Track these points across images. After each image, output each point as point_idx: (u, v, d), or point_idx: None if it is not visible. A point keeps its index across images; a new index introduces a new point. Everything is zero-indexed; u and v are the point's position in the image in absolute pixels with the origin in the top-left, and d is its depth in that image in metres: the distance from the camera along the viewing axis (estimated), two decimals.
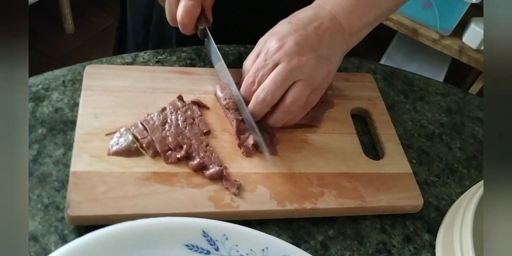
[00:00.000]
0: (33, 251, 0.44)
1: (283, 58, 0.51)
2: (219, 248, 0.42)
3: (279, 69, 0.51)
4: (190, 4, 0.54)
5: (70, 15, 1.83)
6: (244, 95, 0.53)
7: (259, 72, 0.52)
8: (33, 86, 0.56)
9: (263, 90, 0.51)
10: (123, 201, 0.46)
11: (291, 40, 0.51)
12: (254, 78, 0.52)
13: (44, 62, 1.75)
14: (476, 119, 0.68)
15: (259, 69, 0.52)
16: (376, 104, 0.63)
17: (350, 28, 0.55)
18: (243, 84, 0.53)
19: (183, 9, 0.54)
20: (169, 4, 0.56)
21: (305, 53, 0.51)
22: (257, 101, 0.51)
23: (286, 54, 0.51)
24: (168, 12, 0.56)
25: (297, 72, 0.51)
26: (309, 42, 0.52)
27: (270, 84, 0.51)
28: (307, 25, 0.53)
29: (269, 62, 0.51)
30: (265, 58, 0.52)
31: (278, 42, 0.52)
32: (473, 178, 0.60)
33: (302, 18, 0.54)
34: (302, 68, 0.51)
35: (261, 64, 0.52)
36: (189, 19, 0.55)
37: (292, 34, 0.52)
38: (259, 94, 0.51)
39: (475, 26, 1.49)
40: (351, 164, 0.55)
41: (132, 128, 0.52)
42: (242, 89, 0.54)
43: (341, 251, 0.50)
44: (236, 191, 0.49)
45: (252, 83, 0.52)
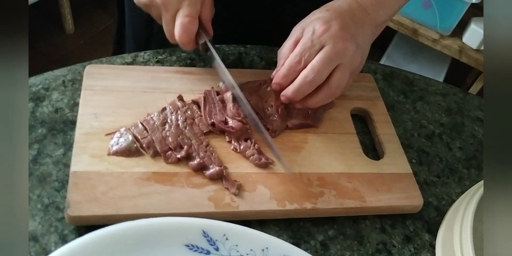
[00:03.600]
0: (33, 251, 0.44)
1: (329, 40, 0.52)
2: (219, 248, 0.42)
3: (326, 50, 0.52)
4: (186, 21, 0.53)
5: (70, 15, 1.83)
6: (287, 73, 0.53)
7: (305, 52, 0.52)
8: (33, 86, 0.56)
9: (313, 69, 0.51)
10: (123, 201, 0.46)
11: (336, 25, 0.53)
12: (301, 57, 0.52)
13: (44, 62, 1.75)
14: (476, 119, 0.68)
15: (305, 49, 0.52)
16: (376, 104, 0.63)
17: (377, 20, 0.57)
18: (287, 62, 0.53)
19: (179, 27, 0.54)
20: (166, 22, 0.55)
21: (348, 38, 0.53)
22: (306, 80, 0.52)
23: (332, 37, 0.52)
24: (166, 30, 0.56)
25: (341, 56, 0.52)
26: (350, 29, 0.53)
27: (319, 64, 0.51)
28: (344, 13, 0.54)
29: (316, 43, 0.52)
30: (312, 39, 0.52)
31: (324, 24, 0.53)
32: (473, 178, 0.60)
33: (337, 8, 0.55)
34: (345, 52, 0.52)
35: (308, 44, 0.52)
36: (187, 37, 0.54)
37: (335, 19, 0.53)
38: (308, 74, 0.52)
39: (475, 26, 1.49)
40: (351, 164, 0.55)
41: (132, 128, 0.52)
42: (285, 67, 0.53)
43: (341, 251, 0.50)
44: (236, 191, 0.49)
45: (298, 62, 0.52)
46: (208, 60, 0.59)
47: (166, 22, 0.55)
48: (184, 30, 0.53)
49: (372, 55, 0.59)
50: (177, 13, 0.54)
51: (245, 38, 0.66)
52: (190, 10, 0.53)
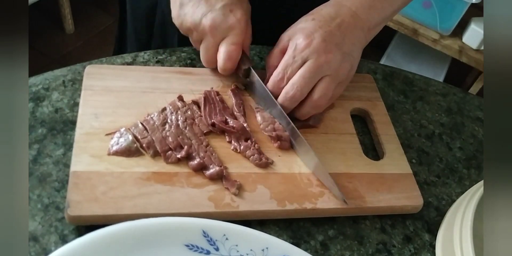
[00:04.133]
0: (33, 251, 0.44)
1: (311, 55, 0.52)
2: (219, 248, 0.42)
3: (307, 65, 0.52)
4: (232, 49, 0.55)
5: (70, 15, 1.83)
6: (272, 90, 0.55)
7: (288, 69, 0.53)
8: (33, 86, 0.56)
9: (293, 86, 0.53)
10: (123, 201, 0.46)
11: (318, 37, 0.53)
12: (283, 74, 0.54)
13: (44, 62, 1.75)
14: (476, 119, 0.68)
15: (287, 65, 0.53)
16: (376, 104, 0.63)
17: (370, 23, 0.57)
18: (271, 80, 0.55)
19: (225, 54, 0.55)
20: (206, 47, 0.56)
21: (331, 50, 0.53)
22: (287, 97, 0.53)
23: (314, 51, 0.52)
24: (204, 54, 0.57)
25: (324, 68, 0.53)
26: (334, 38, 0.53)
27: (300, 80, 0.52)
28: (330, 22, 0.54)
29: (297, 59, 0.53)
30: (294, 55, 0.53)
31: (306, 39, 0.53)
32: (473, 178, 0.60)
33: (324, 15, 0.55)
34: (329, 65, 0.53)
35: (290, 61, 0.53)
36: (231, 64, 0.56)
37: (318, 31, 0.53)
38: (289, 90, 0.53)
39: (475, 26, 1.50)
40: (351, 164, 0.55)
41: (132, 128, 0.52)
42: (269, 84, 0.55)
43: (341, 251, 0.50)
44: (236, 191, 0.49)
45: (282, 80, 0.54)
46: (248, 85, 0.60)
47: (207, 47, 0.56)
48: (230, 57, 0.55)
49: (372, 55, 0.59)
50: (222, 40, 0.55)
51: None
52: (237, 38, 0.55)
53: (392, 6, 0.59)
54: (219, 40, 0.55)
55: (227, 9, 0.55)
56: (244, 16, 0.56)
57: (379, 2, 0.57)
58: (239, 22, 0.55)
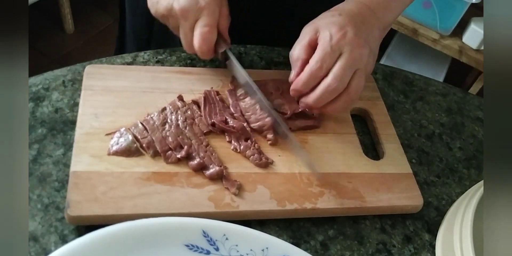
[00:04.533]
0: (33, 251, 0.44)
1: (346, 47, 0.52)
2: (219, 248, 0.42)
3: (345, 57, 0.52)
4: (206, 31, 0.54)
5: (70, 15, 1.82)
6: (308, 80, 0.53)
7: (326, 59, 0.52)
8: (33, 86, 0.56)
9: (336, 78, 0.52)
10: (123, 201, 0.46)
11: (351, 31, 0.53)
12: (322, 64, 0.52)
13: (44, 62, 1.75)
14: (476, 119, 0.68)
15: (326, 55, 0.52)
16: (376, 104, 0.63)
17: (385, 23, 0.58)
18: (308, 69, 0.53)
19: (199, 37, 0.54)
20: (184, 32, 0.56)
21: (362, 44, 0.53)
22: (329, 89, 0.52)
23: (349, 44, 0.52)
24: (183, 40, 0.56)
25: (358, 62, 0.53)
26: (362, 34, 0.54)
27: (341, 72, 0.52)
28: (356, 18, 0.55)
29: (335, 49, 0.52)
30: (331, 45, 0.52)
31: (340, 30, 0.53)
32: (473, 178, 0.60)
33: (349, 12, 0.55)
34: (361, 58, 0.53)
35: (328, 50, 0.52)
36: (207, 46, 0.55)
37: (349, 25, 0.53)
38: (331, 82, 0.52)
39: (475, 26, 1.49)
40: (351, 164, 0.55)
41: (132, 128, 0.52)
42: (306, 74, 0.53)
43: (341, 251, 0.50)
44: (236, 191, 0.49)
45: (320, 69, 0.52)
46: (228, 68, 0.59)
47: (184, 32, 0.55)
48: (204, 39, 0.54)
49: None
50: (196, 23, 0.54)
51: (245, 38, 0.66)
52: (209, 19, 0.54)
53: (403, 5, 0.60)
54: (193, 23, 0.54)
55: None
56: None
57: (393, 2, 0.58)
58: (209, 3, 0.54)
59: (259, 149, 0.53)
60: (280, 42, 0.67)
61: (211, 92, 0.57)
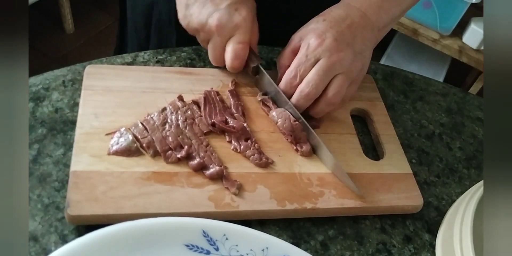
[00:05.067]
0: (33, 251, 0.44)
1: (324, 53, 0.53)
2: (219, 248, 0.42)
3: (321, 64, 0.53)
4: (240, 48, 0.55)
5: (70, 15, 1.83)
6: (284, 89, 0.55)
7: (301, 67, 0.54)
8: (33, 86, 0.56)
9: (308, 84, 0.53)
10: (123, 201, 0.46)
11: (330, 37, 0.54)
12: (296, 72, 0.54)
13: (44, 62, 1.75)
14: (476, 119, 0.68)
15: (300, 64, 0.54)
16: (376, 104, 0.63)
17: (379, 24, 0.58)
18: (284, 78, 0.55)
19: (232, 53, 0.55)
20: (214, 47, 0.56)
21: (343, 49, 0.54)
22: (302, 95, 0.54)
23: (327, 50, 0.53)
24: (212, 54, 0.57)
25: (337, 67, 0.53)
26: (345, 38, 0.54)
27: (314, 78, 0.53)
28: (341, 22, 0.55)
29: (310, 57, 0.53)
30: (307, 54, 0.54)
31: (318, 38, 0.54)
32: (473, 178, 0.60)
33: (335, 16, 0.56)
34: (341, 63, 0.54)
35: (303, 59, 0.54)
36: (239, 62, 0.56)
37: (329, 30, 0.54)
38: (304, 88, 0.54)
39: (475, 26, 1.50)
40: (351, 164, 0.55)
41: (132, 128, 0.52)
42: (282, 83, 0.55)
43: (341, 251, 0.50)
44: (236, 191, 0.49)
45: (295, 77, 0.54)
46: (257, 82, 0.60)
47: (215, 46, 0.56)
48: (237, 56, 0.56)
49: (372, 55, 0.59)
50: (229, 39, 0.55)
51: None
52: (244, 37, 0.55)
53: (399, 6, 0.60)
54: (226, 39, 0.56)
55: (232, 8, 0.55)
56: (249, 14, 0.56)
57: (387, 3, 0.58)
58: (245, 21, 0.55)
59: (259, 149, 0.53)
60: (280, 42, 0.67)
61: (211, 92, 0.57)
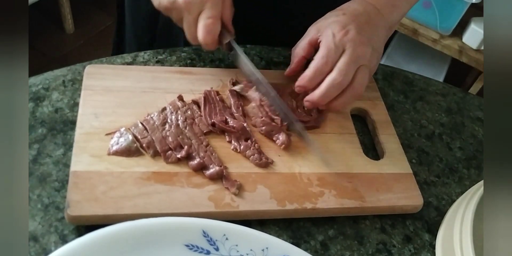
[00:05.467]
0: (33, 251, 0.44)
1: (349, 44, 0.53)
2: (219, 248, 0.42)
3: (349, 53, 0.53)
4: (209, 23, 0.54)
5: (70, 15, 1.82)
6: (314, 76, 0.54)
7: (331, 55, 0.53)
8: (33, 86, 0.56)
9: (340, 72, 0.53)
10: (123, 201, 0.46)
11: (353, 29, 0.54)
12: (327, 59, 0.54)
13: (44, 62, 1.75)
14: (476, 119, 0.68)
15: (330, 51, 0.54)
16: (376, 104, 0.63)
17: (391, 21, 0.59)
18: (315, 65, 0.54)
19: (203, 28, 0.54)
20: (188, 25, 0.56)
21: (364, 42, 0.54)
22: (334, 83, 0.53)
23: (352, 40, 0.53)
24: (187, 32, 0.57)
25: (361, 58, 0.54)
26: (365, 33, 0.55)
27: (346, 67, 0.53)
28: (360, 17, 0.56)
29: (338, 45, 0.53)
30: (334, 42, 0.54)
31: (342, 29, 0.54)
32: (473, 178, 0.60)
33: (353, 11, 0.56)
34: (365, 54, 0.54)
35: (332, 47, 0.54)
36: (211, 38, 0.55)
37: (351, 23, 0.54)
38: (337, 76, 0.53)
39: (475, 26, 1.49)
40: (351, 164, 0.55)
41: (132, 128, 0.52)
42: (312, 70, 0.54)
43: (341, 251, 0.50)
44: (236, 191, 0.49)
45: (325, 64, 0.54)
46: (233, 58, 0.60)
47: (188, 24, 0.56)
48: (208, 31, 0.54)
49: None
50: (200, 15, 0.54)
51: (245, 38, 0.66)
52: (213, 11, 0.54)
53: (409, 3, 0.60)
54: (196, 15, 0.54)
55: None
56: None
57: (399, 1, 0.59)
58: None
59: (259, 149, 0.53)
60: (280, 42, 0.67)
61: (211, 92, 0.57)
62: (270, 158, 0.53)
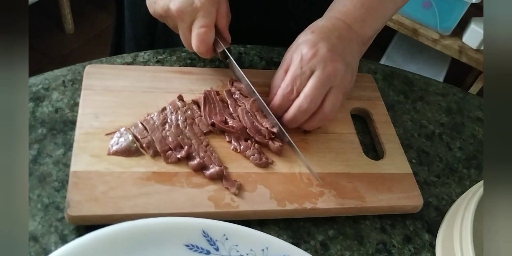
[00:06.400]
0: (33, 251, 0.44)
1: (319, 64, 0.52)
2: (219, 248, 0.42)
3: (317, 76, 0.52)
4: (202, 32, 0.53)
5: (70, 15, 1.83)
6: (281, 103, 0.53)
7: (296, 80, 0.52)
8: (33, 86, 0.56)
9: (306, 98, 0.52)
10: (123, 201, 0.46)
11: (323, 47, 0.52)
12: (292, 86, 0.52)
13: (44, 62, 1.75)
14: (476, 119, 0.68)
15: (296, 76, 0.52)
16: (376, 104, 0.63)
17: (363, 37, 0.57)
18: (280, 92, 0.53)
19: (196, 37, 0.54)
20: (182, 33, 0.56)
21: (337, 59, 0.52)
22: (300, 110, 0.52)
23: (322, 61, 0.52)
24: (183, 40, 0.56)
25: (332, 78, 0.52)
26: (337, 49, 0.53)
27: (312, 92, 0.51)
28: (330, 34, 0.54)
29: (305, 69, 0.52)
30: (301, 66, 0.52)
31: (311, 49, 0.52)
32: (473, 178, 0.60)
33: (323, 28, 0.55)
34: (336, 74, 0.52)
35: (298, 72, 0.52)
36: (204, 47, 0.54)
37: (321, 41, 0.53)
38: (302, 103, 0.52)
39: (475, 26, 1.50)
40: (351, 164, 0.55)
41: (132, 128, 0.52)
42: (278, 98, 0.53)
43: (341, 251, 0.50)
44: (236, 191, 0.49)
45: (291, 92, 0.53)
46: (229, 66, 0.59)
47: (183, 32, 0.55)
48: (201, 40, 0.54)
49: (372, 55, 0.59)
50: (193, 23, 0.54)
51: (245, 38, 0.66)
52: (206, 20, 0.53)
53: (383, 19, 0.59)
54: (190, 24, 0.54)
55: None
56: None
57: (371, 16, 0.57)
58: (204, 3, 0.53)
59: (259, 149, 0.53)
60: (280, 42, 0.67)
61: (211, 92, 0.57)
62: (270, 158, 0.53)
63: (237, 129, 0.53)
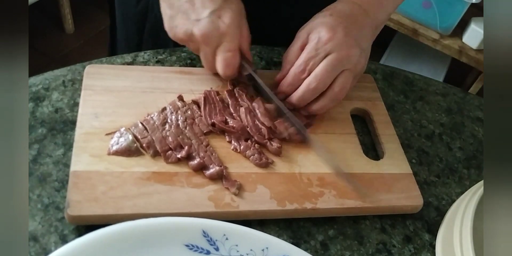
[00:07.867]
0: (33, 251, 0.44)
1: (335, 48, 0.53)
2: (219, 248, 0.42)
3: (330, 58, 0.53)
4: (229, 56, 0.54)
5: (70, 15, 1.83)
6: (292, 82, 0.55)
7: (310, 61, 0.54)
8: (33, 86, 0.56)
9: (316, 78, 0.53)
10: (123, 201, 0.46)
11: (341, 31, 0.54)
12: (305, 66, 0.54)
13: (44, 62, 1.75)
14: (476, 119, 0.68)
15: (310, 58, 0.54)
16: (376, 104, 0.63)
17: (377, 21, 0.58)
18: (292, 71, 0.55)
19: (222, 62, 0.54)
20: (205, 57, 0.56)
21: (352, 44, 0.54)
22: (309, 88, 0.54)
23: (338, 45, 0.53)
24: (204, 62, 0.57)
25: (345, 62, 0.54)
26: (353, 34, 0.54)
27: (322, 73, 0.53)
28: (347, 18, 0.55)
29: (320, 51, 0.53)
30: (317, 48, 0.53)
31: (329, 32, 0.54)
32: (473, 178, 0.60)
33: (341, 11, 0.56)
34: (350, 59, 0.54)
35: (313, 53, 0.54)
36: (231, 71, 0.55)
37: (339, 25, 0.54)
38: (311, 81, 0.53)
39: (475, 26, 1.49)
40: (351, 164, 0.55)
41: (132, 128, 0.52)
42: (290, 76, 0.55)
43: (341, 251, 0.50)
44: (236, 191, 0.49)
45: (303, 71, 0.54)
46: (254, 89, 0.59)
47: (206, 56, 0.56)
48: (227, 64, 0.55)
49: (372, 55, 0.59)
50: (218, 48, 0.54)
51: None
52: (231, 44, 0.54)
53: (395, 3, 0.60)
54: (215, 48, 0.54)
55: (215, 16, 0.53)
56: (234, 19, 0.54)
57: (386, 1, 0.59)
58: (230, 27, 0.53)
59: (259, 149, 0.53)
60: (280, 42, 0.67)
61: (211, 92, 0.57)
62: (270, 158, 0.53)
63: (238, 129, 0.53)
